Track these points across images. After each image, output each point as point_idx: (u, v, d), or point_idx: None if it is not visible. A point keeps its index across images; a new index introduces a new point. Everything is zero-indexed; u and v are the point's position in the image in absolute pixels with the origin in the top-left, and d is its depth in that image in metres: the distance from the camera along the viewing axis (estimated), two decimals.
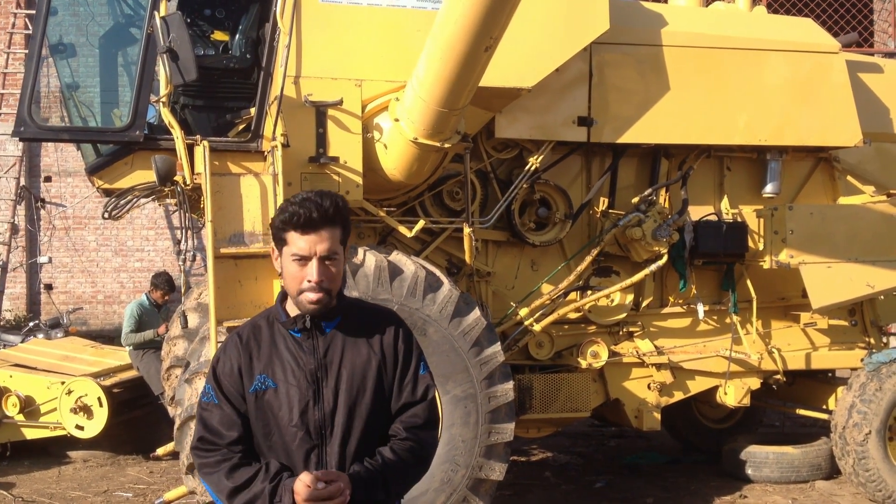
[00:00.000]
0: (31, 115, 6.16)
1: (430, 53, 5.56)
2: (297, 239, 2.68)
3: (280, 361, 2.74)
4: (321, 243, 2.68)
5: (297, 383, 2.71)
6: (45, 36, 6.37)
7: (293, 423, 2.70)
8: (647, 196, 7.26)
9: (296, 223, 2.67)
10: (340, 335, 2.78)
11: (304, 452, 2.70)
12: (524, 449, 9.44)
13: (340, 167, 6.13)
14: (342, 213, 2.74)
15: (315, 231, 2.67)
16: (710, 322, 7.64)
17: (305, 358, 2.74)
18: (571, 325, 7.32)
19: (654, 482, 8.19)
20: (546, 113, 6.91)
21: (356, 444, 2.73)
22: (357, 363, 2.76)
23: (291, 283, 2.72)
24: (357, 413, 2.73)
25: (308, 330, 2.76)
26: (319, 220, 2.67)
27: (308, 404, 2.71)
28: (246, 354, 2.77)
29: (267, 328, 2.82)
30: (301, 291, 2.69)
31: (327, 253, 2.69)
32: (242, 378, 2.75)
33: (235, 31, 7.06)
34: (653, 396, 7.38)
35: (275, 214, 2.77)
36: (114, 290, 15.92)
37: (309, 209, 2.66)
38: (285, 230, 2.70)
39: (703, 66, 7.19)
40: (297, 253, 2.68)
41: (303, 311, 2.73)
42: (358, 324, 2.82)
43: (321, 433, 2.71)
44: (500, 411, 6.06)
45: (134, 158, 6.32)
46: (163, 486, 8.07)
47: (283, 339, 2.77)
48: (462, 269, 6.98)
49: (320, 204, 2.68)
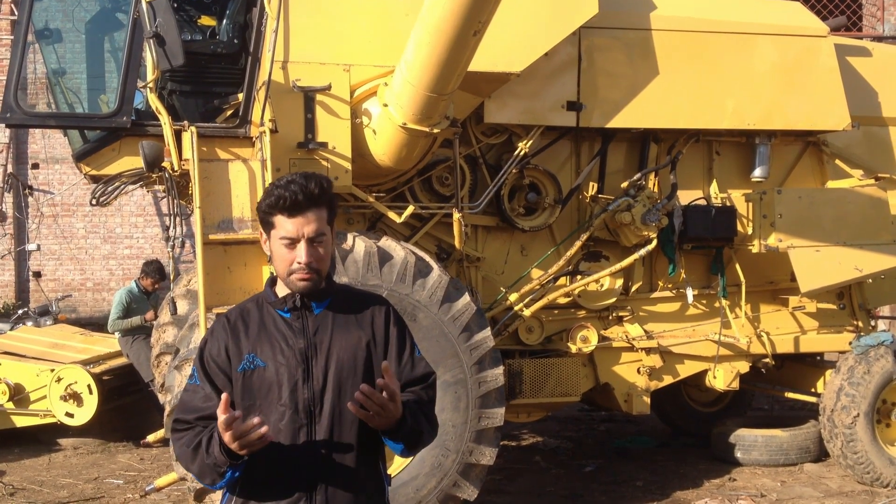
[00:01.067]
0: (18, 102, 6.11)
1: (419, 38, 5.53)
2: (285, 222, 2.69)
3: (269, 341, 2.74)
4: (308, 225, 2.69)
5: (286, 362, 2.71)
6: (30, 21, 6.32)
7: (282, 401, 2.69)
8: (637, 181, 7.26)
9: (282, 206, 2.67)
10: (331, 315, 2.78)
11: (293, 431, 2.69)
12: (514, 433, 9.48)
13: (329, 153, 6.10)
14: (328, 194, 2.74)
15: (302, 213, 2.68)
16: (700, 306, 7.67)
17: (295, 337, 2.74)
18: (561, 310, 7.33)
19: (644, 466, 8.23)
20: (535, 98, 6.90)
21: (348, 427, 2.73)
22: (347, 343, 2.76)
23: (281, 265, 2.73)
24: (346, 392, 2.71)
25: (298, 309, 2.77)
26: (305, 202, 2.68)
27: (297, 383, 2.70)
28: (234, 335, 2.77)
29: (256, 310, 2.83)
30: (291, 273, 2.71)
31: (315, 234, 2.70)
32: (230, 359, 2.75)
33: (222, 15, 7.01)
34: (642, 381, 7.40)
35: (261, 198, 2.77)
36: (103, 278, 15.87)
37: (294, 192, 2.67)
38: (272, 214, 2.71)
39: (692, 50, 7.18)
40: (286, 236, 2.69)
41: (294, 290, 2.74)
42: (348, 306, 2.83)
43: (310, 412, 2.70)
44: (490, 396, 6.07)
45: (121, 144, 6.28)
46: (153, 473, 8.07)
47: (272, 320, 2.78)
48: (452, 255, 6.98)
49: (305, 186, 2.68)
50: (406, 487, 5.89)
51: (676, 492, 7.34)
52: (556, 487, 7.62)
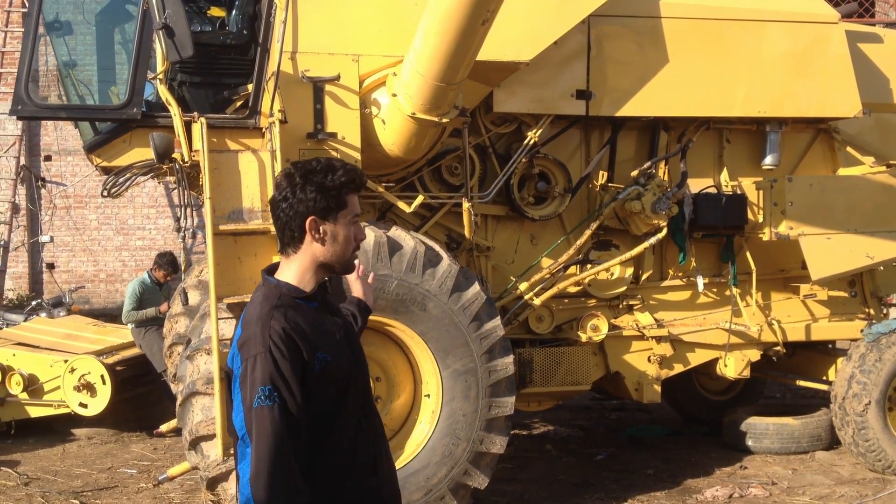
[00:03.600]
0: (29, 94, 6.14)
1: (427, 27, 5.53)
2: (355, 200, 2.71)
3: (328, 336, 2.69)
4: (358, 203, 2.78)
5: (342, 354, 2.73)
6: (41, 14, 6.35)
7: (348, 394, 2.71)
8: (647, 169, 7.25)
9: (356, 185, 2.70)
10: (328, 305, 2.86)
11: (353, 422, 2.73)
12: (525, 422, 9.49)
13: (338, 143, 6.12)
14: None
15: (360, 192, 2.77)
16: (710, 294, 7.65)
17: (335, 329, 2.76)
18: (571, 299, 7.34)
19: (655, 454, 8.23)
20: (544, 86, 6.89)
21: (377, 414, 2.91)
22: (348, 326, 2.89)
23: (347, 245, 2.71)
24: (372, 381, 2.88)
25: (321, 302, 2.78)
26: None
27: (352, 374, 2.74)
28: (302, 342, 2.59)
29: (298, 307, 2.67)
30: (354, 249, 2.74)
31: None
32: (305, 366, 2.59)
33: (232, 6, 7.03)
34: (653, 369, 7.40)
35: (322, 179, 2.64)
36: (115, 269, 15.95)
37: (357, 169, 2.72)
38: (346, 193, 2.68)
39: (702, 37, 7.15)
40: (357, 213, 2.72)
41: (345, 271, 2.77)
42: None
43: (361, 403, 2.78)
44: (500, 385, 6.09)
45: (132, 136, 6.31)
46: (166, 463, 8.13)
47: (311, 314, 2.68)
48: (461, 244, 6.99)
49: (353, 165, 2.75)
50: (417, 476, 5.91)
51: (687, 480, 7.35)
52: (567, 476, 7.63)
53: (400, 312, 5.88)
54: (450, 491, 5.96)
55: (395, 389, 6.16)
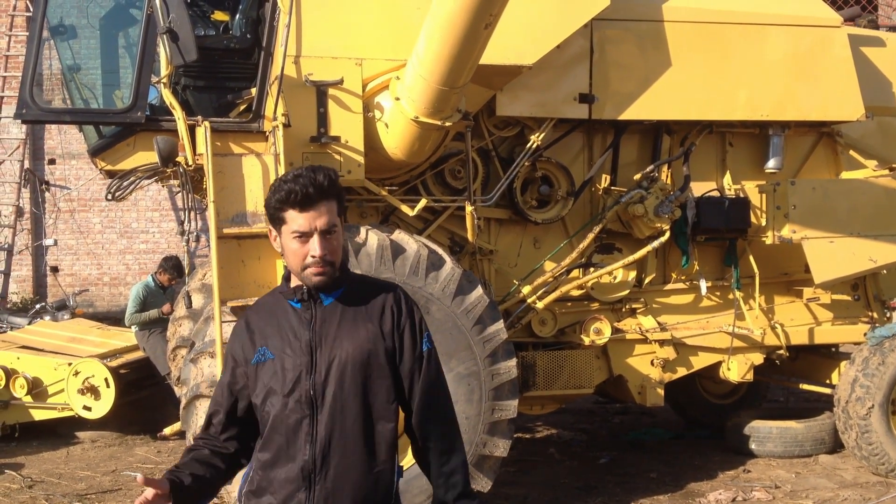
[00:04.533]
0: (33, 98, 6.16)
1: (430, 31, 5.55)
2: (297, 216, 2.68)
3: (279, 333, 2.77)
4: (320, 218, 2.68)
5: (292, 354, 2.73)
6: (45, 18, 6.36)
7: (285, 392, 2.71)
8: (649, 173, 7.25)
9: (293, 201, 2.66)
10: (340, 307, 2.78)
11: (296, 422, 2.71)
12: (528, 426, 9.49)
13: (342, 146, 6.13)
14: (336, 186, 2.74)
15: (313, 206, 2.67)
16: (713, 298, 7.66)
17: (302, 329, 2.76)
18: (574, 303, 7.34)
19: (658, 457, 8.23)
20: (547, 90, 6.90)
21: (351, 419, 2.73)
22: (354, 336, 2.75)
23: (294, 260, 2.72)
24: (349, 386, 2.72)
25: (307, 301, 2.77)
26: (316, 195, 2.67)
27: (301, 374, 2.72)
28: (250, 332, 2.83)
29: (272, 302, 2.86)
30: (305, 267, 2.70)
31: (327, 227, 2.69)
32: (246, 354, 2.81)
33: (235, 10, 7.05)
34: (656, 372, 7.40)
35: (269, 194, 2.75)
36: (119, 272, 15.98)
37: (304, 185, 2.66)
38: (283, 209, 2.70)
39: (705, 41, 7.16)
40: (298, 230, 2.68)
41: (308, 284, 2.74)
42: (360, 297, 2.82)
43: (313, 404, 2.71)
44: (503, 388, 6.09)
45: (136, 139, 6.33)
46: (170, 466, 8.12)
47: (284, 312, 2.80)
48: (465, 248, 7.00)
49: (314, 178, 2.67)
50: (420, 479, 5.85)
51: (690, 483, 7.35)
52: (570, 479, 7.63)
53: None
54: None
55: None
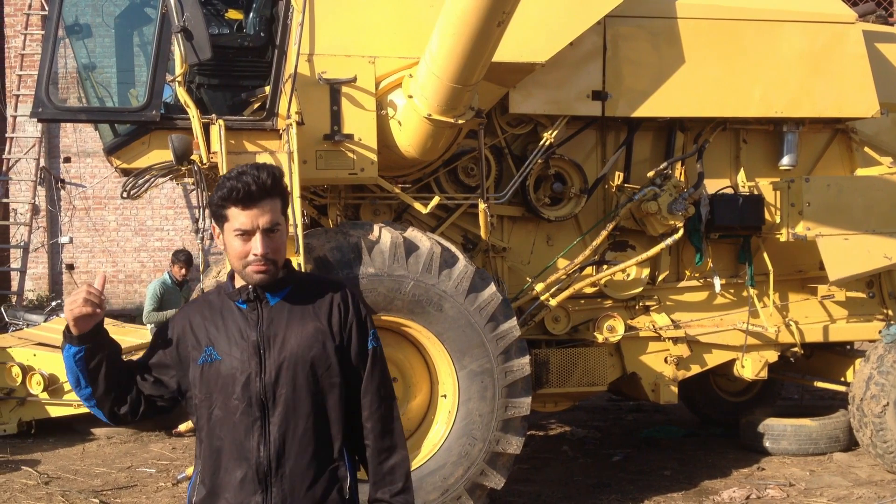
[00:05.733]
0: (49, 96, 6.19)
1: (443, 29, 5.55)
2: (239, 214, 2.66)
3: (226, 334, 2.75)
4: (263, 216, 2.66)
5: (240, 355, 2.71)
6: (61, 16, 6.39)
7: (236, 395, 2.70)
8: (663, 170, 7.24)
9: (235, 198, 2.65)
10: (287, 306, 2.76)
11: (247, 425, 2.69)
12: (541, 423, 9.50)
13: (355, 144, 6.15)
14: (280, 185, 2.72)
15: (255, 204, 2.65)
16: (727, 295, 7.64)
17: (249, 330, 2.73)
18: (587, 300, 7.34)
19: (672, 455, 8.22)
20: (560, 87, 6.89)
21: (303, 420, 2.71)
22: (302, 335, 2.73)
23: (235, 258, 2.71)
24: (300, 386, 2.71)
25: (253, 301, 2.75)
26: (259, 193, 2.65)
27: (250, 376, 2.70)
28: (195, 323, 2.80)
29: (218, 301, 2.83)
30: (246, 265, 2.69)
31: (270, 225, 2.67)
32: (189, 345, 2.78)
33: (249, 9, 7.08)
34: (670, 370, 7.39)
35: (213, 191, 2.73)
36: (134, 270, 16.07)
37: (247, 183, 2.64)
38: (225, 206, 2.68)
39: (719, 37, 7.14)
40: (240, 228, 2.66)
41: (250, 283, 2.72)
42: (307, 296, 2.80)
43: (263, 406, 2.69)
44: (516, 386, 6.10)
45: (151, 138, 6.35)
46: (185, 462, 8.18)
47: (230, 312, 2.78)
48: (477, 245, 7.01)
49: (258, 176, 2.65)
50: (433, 476, 5.93)
51: (704, 481, 7.34)
52: (583, 477, 7.64)
53: (416, 313, 5.90)
54: (466, 491, 5.98)
55: (411, 390, 6.18)
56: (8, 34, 15.90)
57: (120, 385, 2.81)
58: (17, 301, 15.03)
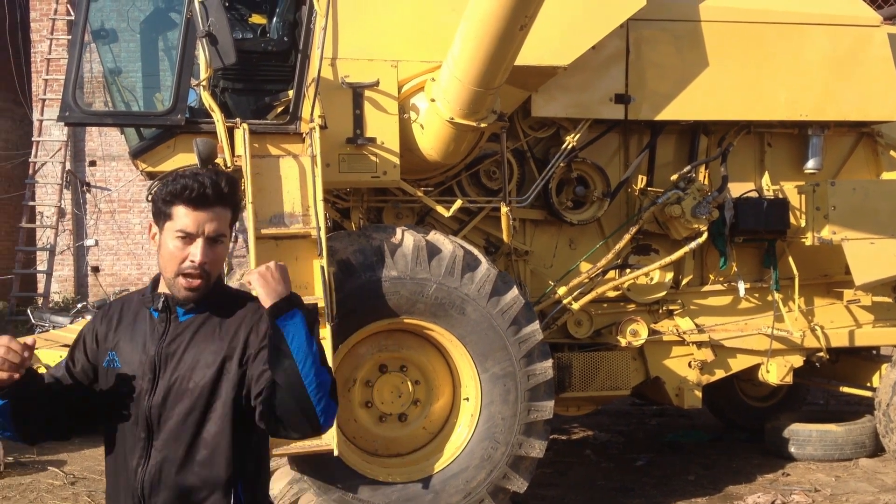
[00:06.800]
0: (76, 100, 6.24)
1: (465, 33, 5.56)
2: (185, 214, 2.47)
3: (131, 341, 2.57)
4: (210, 223, 2.48)
5: (138, 368, 2.53)
6: (87, 21, 6.45)
7: (127, 410, 2.52)
8: (687, 173, 7.21)
9: (187, 197, 2.46)
10: (195, 325, 2.55)
11: (133, 444, 2.53)
12: (564, 427, 9.47)
13: (377, 148, 6.16)
14: (236, 196, 2.57)
15: (206, 208, 2.48)
16: (752, 299, 7.59)
17: (150, 343, 2.55)
18: (610, 304, 7.31)
19: (696, 460, 8.18)
20: (583, 91, 6.88)
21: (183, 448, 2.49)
22: (201, 358, 2.52)
23: (170, 262, 2.50)
24: (186, 412, 2.49)
25: (163, 312, 2.56)
26: (213, 198, 2.48)
27: (140, 393, 2.51)
28: (104, 326, 2.63)
29: (137, 304, 2.65)
30: (179, 273, 2.48)
31: (215, 233, 2.49)
32: (98, 348, 2.62)
33: (272, 13, 7.11)
34: (694, 374, 7.35)
35: (160, 186, 2.55)
36: None
37: (203, 184, 2.47)
38: (173, 203, 2.49)
39: (743, 40, 7.10)
40: (183, 229, 2.47)
41: (177, 295, 2.52)
42: (219, 314, 2.58)
43: (149, 427, 2.50)
44: (539, 389, 6.09)
45: (176, 142, 6.38)
46: None
47: (143, 319, 2.59)
48: (500, 249, 7.00)
49: (216, 181, 2.50)
50: (456, 479, 5.93)
51: (729, 486, 7.29)
52: (606, 481, 7.61)
53: (438, 316, 5.91)
54: (489, 494, 5.98)
55: (433, 392, 6.19)
56: (34, 39, 16.06)
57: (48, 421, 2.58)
58: (43, 303, 15.17)
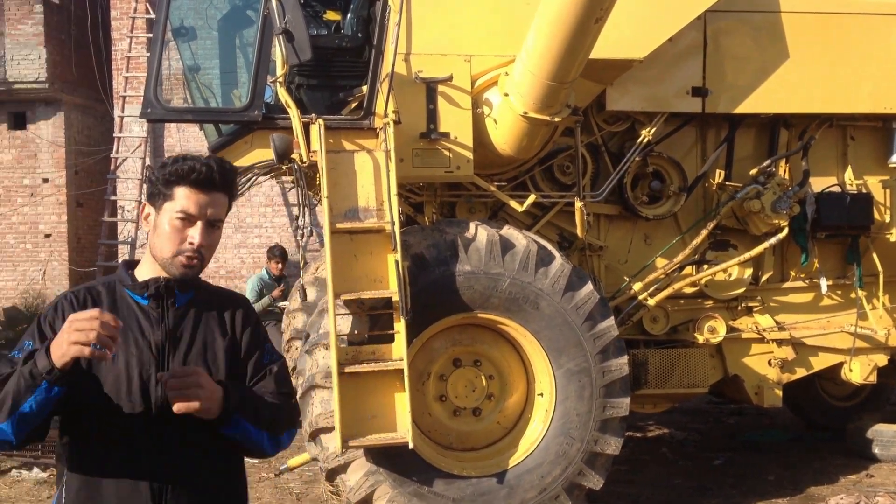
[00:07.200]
0: (157, 97, 6.38)
1: (539, 26, 5.52)
2: (190, 195, 2.48)
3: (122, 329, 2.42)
4: (213, 206, 2.51)
5: (138, 354, 2.48)
6: (168, 20, 6.58)
7: (132, 396, 2.46)
8: (766, 167, 7.06)
9: (193, 179, 2.48)
10: (193, 310, 2.57)
11: (139, 431, 2.46)
12: (640, 425, 9.37)
13: (451, 142, 6.16)
14: (235, 184, 2.62)
15: (210, 191, 2.50)
16: (834, 297, 7.39)
17: (152, 328, 2.52)
18: (687, 300, 7.20)
19: (775, 460, 8.02)
20: (659, 84, 6.78)
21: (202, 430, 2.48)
22: (209, 342, 2.56)
23: (167, 243, 2.49)
24: None
25: (159, 298, 2.54)
26: (219, 183, 2.52)
27: (150, 379, 2.47)
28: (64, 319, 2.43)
29: (107, 294, 2.57)
30: (178, 253, 2.49)
31: (215, 217, 2.52)
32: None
33: (347, 10, 7.15)
34: (774, 373, 7.19)
35: (160, 167, 2.55)
36: (234, 266, 16.46)
37: (210, 167, 2.49)
38: (176, 184, 2.49)
39: (824, 31, 6.92)
40: (185, 210, 2.48)
41: (171, 274, 2.51)
42: (210, 304, 2.62)
43: (162, 411, 2.45)
44: (614, 386, 6.03)
45: (253, 137, 6.48)
46: (286, 453, 8.28)
47: (127, 306, 2.54)
48: (574, 244, 6.94)
49: (223, 166, 2.54)
50: (531, 474, 5.91)
51: (810, 487, 7.13)
52: (683, 480, 7.50)
53: (512, 311, 5.89)
54: (564, 490, 5.94)
55: (507, 388, 6.17)
56: (115, 37, 16.48)
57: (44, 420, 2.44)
58: None
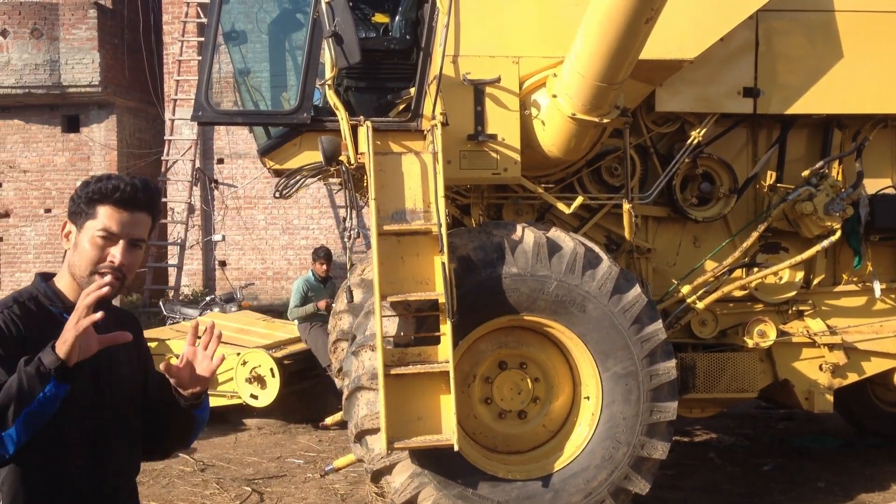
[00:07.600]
0: (208, 100, 6.46)
1: (588, 27, 5.50)
2: (111, 214, 2.45)
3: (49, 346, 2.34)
4: (135, 226, 2.48)
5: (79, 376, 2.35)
6: (219, 24, 6.66)
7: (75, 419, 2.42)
8: (819, 169, 6.94)
9: (117, 198, 2.45)
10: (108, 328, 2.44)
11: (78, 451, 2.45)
12: (687, 429, 9.27)
13: (498, 144, 6.16)
14: (158, 205, 2.60)
15: (133, 211, 2.47)
16: (888, 300, 7.25)
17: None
18: (737, 304, 7.10)
19: (826, 466, 7.88)
20: (709, 84, 6.71)
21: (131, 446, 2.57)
22: (126, 359, 2.59)
23: (85, 262, 2.44)
24: (136, 411, 2.59)
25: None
26: (142, 203, 2.49)
27: (91, 400, 2.46)
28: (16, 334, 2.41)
29: (38, 311, 2.49)
30: (95, 272, 2.43)
31: (137, 237, 2.49)
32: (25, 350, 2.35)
33: (395, 12, 7.18)
34: (825, 378, 7.07)
35: (82, 186, 2.51)
36: (281, 267, 16.63)
37: (135, 187, 2.47)
38: (99, 202, 2.45)
39: (879, 30, 6.79)
40: (107, 229, 2.44)
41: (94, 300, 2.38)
42: (116, 321, 2.55)
43: (103, 431, 2.48)
44: (662, 390, 5.98)
45: (302, 140, 6.53)
46: (332, 454, 8.40)
47: (56, 324, 2.37)
48: (621, 246, 6.90)
49: (147, 186, 2.52)
50: (576, 478, 5.88)
51: (861, 494, 7.00)
52: (731, 485, 7.41)
53: (559, 313, 5.86)
54: (610, 495, 5.90)
55: (553, 391, 6.15)
56: (166, 41, 16.75)
57: None
58: (174, 296, 15.80)
